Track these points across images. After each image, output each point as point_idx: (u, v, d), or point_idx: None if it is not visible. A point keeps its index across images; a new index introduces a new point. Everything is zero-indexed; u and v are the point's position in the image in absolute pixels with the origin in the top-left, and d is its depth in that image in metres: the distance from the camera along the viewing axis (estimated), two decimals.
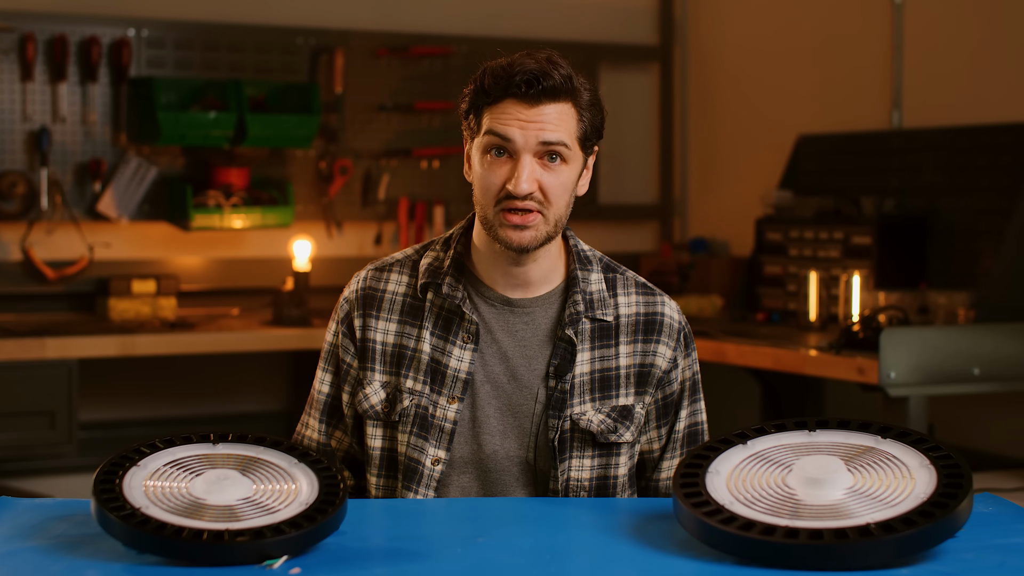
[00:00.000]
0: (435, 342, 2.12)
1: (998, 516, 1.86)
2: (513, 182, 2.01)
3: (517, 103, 2.01)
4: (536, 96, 2.00)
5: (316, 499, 1.74)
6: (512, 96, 2.01)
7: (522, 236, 2.03)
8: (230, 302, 4.69)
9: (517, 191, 2.00)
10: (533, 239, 2.04)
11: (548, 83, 2.00)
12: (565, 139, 2.03)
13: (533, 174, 2.01)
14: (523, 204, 2.01)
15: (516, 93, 2.01)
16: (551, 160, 2.03)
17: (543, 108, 2.01)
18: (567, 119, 2.03)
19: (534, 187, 2.01)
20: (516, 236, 2.03)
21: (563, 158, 2.03)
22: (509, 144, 2.01)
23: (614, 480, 2.14)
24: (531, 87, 2.00)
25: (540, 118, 2.01)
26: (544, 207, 2.03)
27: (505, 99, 2.02)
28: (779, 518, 1.64)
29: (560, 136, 2.02)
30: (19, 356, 3.90)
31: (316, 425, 2.20)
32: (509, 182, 2.01)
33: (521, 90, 2.00)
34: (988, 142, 4.02)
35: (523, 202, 2.01)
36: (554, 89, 2.01)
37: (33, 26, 4.36)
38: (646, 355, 2.15)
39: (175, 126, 4.33)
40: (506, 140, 2.01)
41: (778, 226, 4.47)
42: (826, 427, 1.83)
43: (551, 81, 2.00)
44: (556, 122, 2.01)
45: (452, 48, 4.93)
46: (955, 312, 3.75)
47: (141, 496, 1.70)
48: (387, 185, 4.90)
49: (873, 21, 4.55)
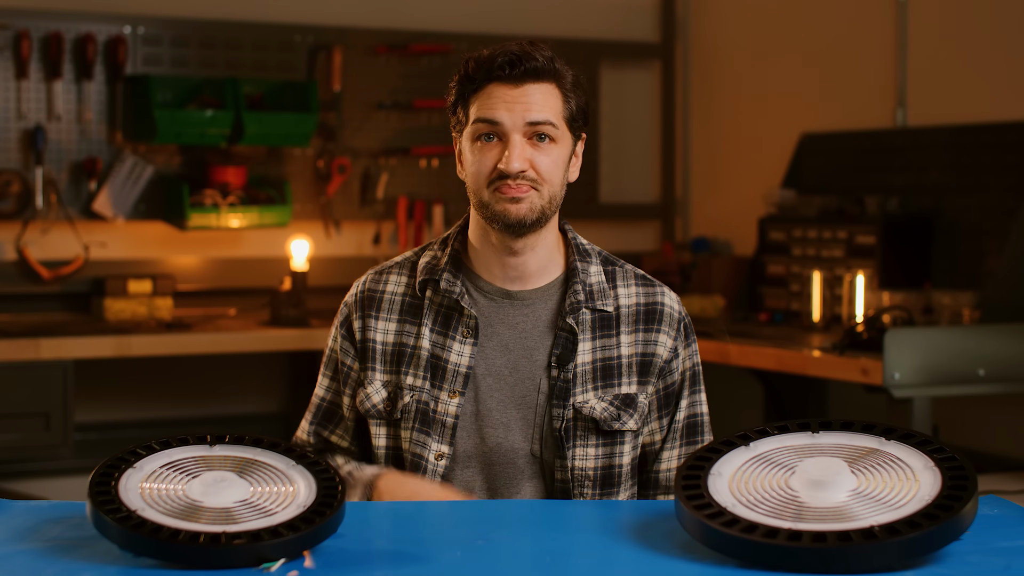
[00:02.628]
0: (435, 338, 2.13)
1: (1003, 519, 1.85)
2: (504, 161, 2.04)
3: (502, 86, 2.05)
4: (519, 77, 2.04)
5: (314, 501, 1.73)
6: (496, 79, 2.05)
7: (519, 208, 2.05)
8: (227, 302, 4.69)
9: (509, 169, 2.04)
10: (529, 211, 2.06)
11: (531, 64, 2.04)
12: (552, 118, 2.06)
13: (524, 153, 2.05)
14: (516, 183, 2.05)
15: (500, 76, 2.05)
16: (540, 140, 2.06)
17: (527, 88, 2.05)
18: (552, 99, 2.07)
19: (526, 165, 2.05)
20: (513, 208, 2.05)
21: (551, 138, 2.07)
22: (497, 127, 2.05)
23: (619, 469, 2.14)
24: (514, 68, 2.04)
25: (525, 98, 2.05)
26: (538, 184, 2.06)
27: (489, 83, 2.06)
28: (782, 520, 1.63)
29: (547, 115, 2.05)
30: (14, 357, 3.91)
31: (307, 427, 2.23)
32: (501, 163, 2.05)
33: (505, 72, 2.04)
34: (993, 140, 4.02)
35: (516, 180, 2.04)
36: (537, 70, 2.05)
37: (28, 23, 4.36)
38: (647, 344, 2.16)
39: (171, 124, 4.33)
40: (494, 124, 2.05)
41: (781, 225, 4.47)
42: (829, 428, 1.82)
43: (534, 62, 2.05)
44: (542, 102, 2.05)
45: (451, 46, 4.92)
46: (960, 312, 3.75)
47: (137, 498, 1.69)
48: (386, 184, 4.90)
49: (877, 18, 4.54)
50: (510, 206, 2.05)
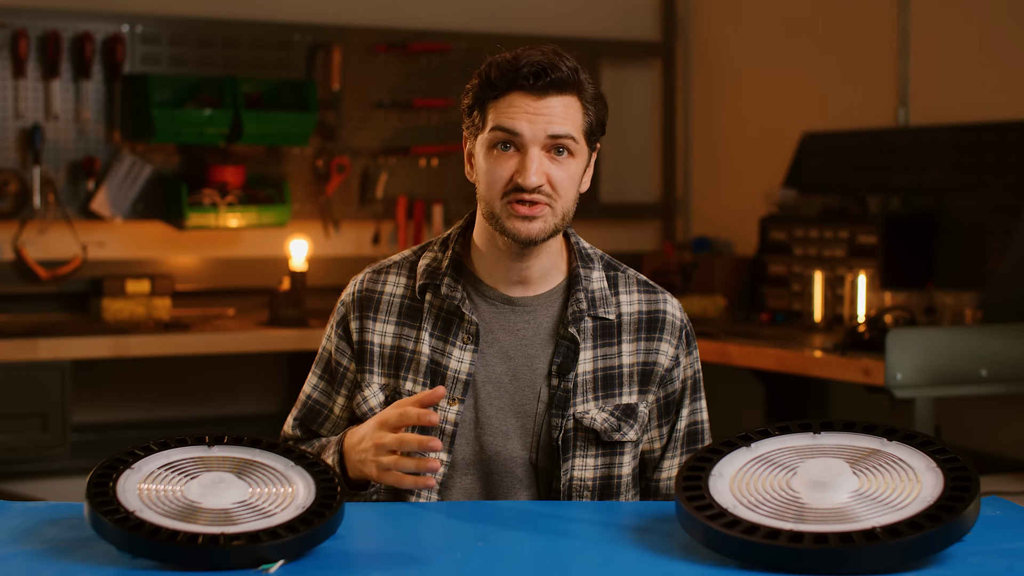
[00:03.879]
0: (434, 343, 2.11)
1: (1006, 520, 1.85)
2: (523, 175, 2.00)
3: (524, 96, 2.01)
4: (544, 88, 2.00)
5: (313, 502, 1.72)
6: (519, 89, 2.01)
7: (530, 227, 2.02)
8: (226, 302, 4.68)
9: (527, 184, 2.00)
10: (541, 231, 2.03)
11: (556, 75, 2.00)
12: (572, 132, 2.02)
13: (542, 167, 2.01)
14: (532, 197, 2.01)
15: (524, 85, 2.00)
16: (558, 153, 2.02)
17: (550, 100, 2.01)
18: (573, 112, 2.03)
19: (543, 180, 2.01)
20: (524, 227, 2.02)
21: (570, 151, 2.03)
22: (517, 138, 2.01)
23: (618, 480, 2.13)
24: (539, 79, 2.00)
25: (547, 111, 2.00)
26: (552, 200, 2.03)
27: (512, 92, 2.01)
28: (783, 522, 1.63)
29: (567, 129, 2.02)
30: (11, 357, 3.90)
31: (291, 422, 2.22)
32: (517, 175, 2.01)
33: (529, 82, 2.00)
34: (996, 140, 4.02)
35: (532, 195, 2.01)
36: (561, 82, 2.01)
37: (26, 22, 4.35)
38: (649, 353, 2.14)
39: (170, 123, 4.32)
40: (514, 134, 2.01)
41: (782, 225, 4.46)
42: (831, 429, 1.82)
43: (559, 73, 2.00)
44: (563, 115, 2.01)
45: (451, 44, 4.91)
46: (962, 312, 3.75)
47: (135, 499, 1.69)
48: (385, 183, 4.89)
49: (879, 16, 4.54)
50: (521, 225, 2.01)
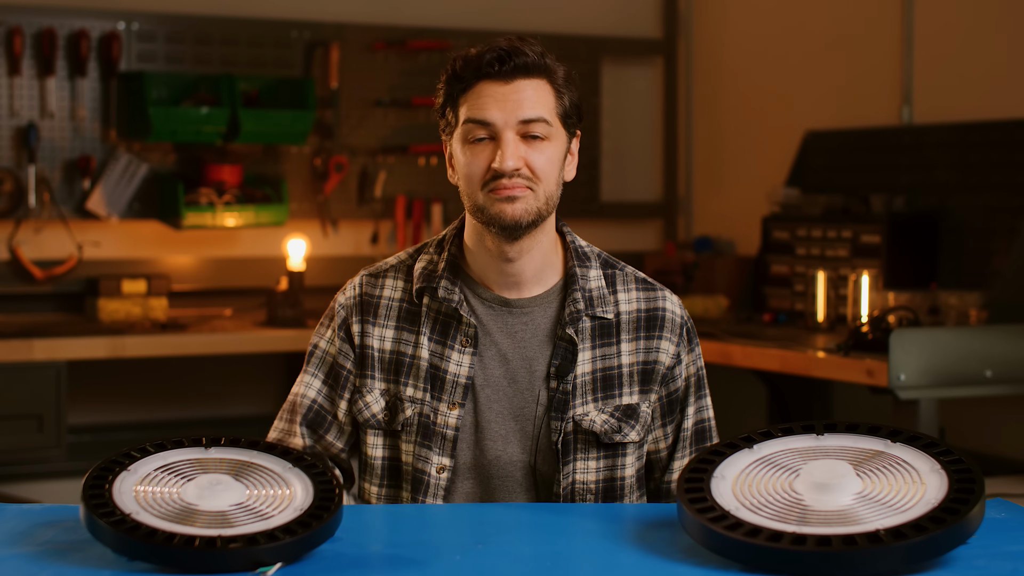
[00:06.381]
0: (433, 347, 2.10)
1: (1010, 522, 1.85)
2: (498, 159, 2.00)
3: (492, 83, 2.01)
4: (510, 73, 2.00)
5: (311, 504, 1.72)
6: (486, 77, 2.01)
7: (514, 208, 2.01)
8: (223, 302, 4.68)
9: (503, 167, 1.99)
10: (524, 212, 2.02)
11: (521, 59, 2.00)
12: (544, 115, 2.02)
13: (517, 151, 2.01)
14: (511, 182, 2.00)
15: (489, 72, 2.01)
16: (533, 138, 2.02)
17: (518, 84, 2.01)
18: (544, 95, 2.03)
19: (520, 163, 2.00)
20: (509, 208, 2.01)
21: (545, 135, 2.02)
22: (490, 127, 2.01)
23: (621, 481, 2.12)
24: (504, 63, 2.00)
25: (516, 95, 2.00)
26: (533, 183, 2.02)
27: (479, 82, 2.01)
28: (786, 524, 1.62)
29: (539, 112, 2.01)
30: (6, 358, 3.89)
31: (299, 430, 2.15)
32: (494, 163, 2.00)
33: (494, 68, 2.00)
34: (1000, 138, 4.01)
35: (511, 179, 2.00)
36: (528, 65, 2.01)
37: (20, 19, 4.35)
38: (649, 352, 2.13)
39: (166, 122, 4.32)
40: (486, 124, 2.01)
41: (785, 224, 4.46)
42: (834, 431, 1.81)
43: (524, 57, 2.01)
44: (534, 99, 2.01)
45: (450, 42, 4.91)
46: (967, 313, 3.75)
47: (131, 502, 1.69)
48: (384, 182, 4.88)
49: (883, 14, 4.54)
50: (505, 206, 2.00)
